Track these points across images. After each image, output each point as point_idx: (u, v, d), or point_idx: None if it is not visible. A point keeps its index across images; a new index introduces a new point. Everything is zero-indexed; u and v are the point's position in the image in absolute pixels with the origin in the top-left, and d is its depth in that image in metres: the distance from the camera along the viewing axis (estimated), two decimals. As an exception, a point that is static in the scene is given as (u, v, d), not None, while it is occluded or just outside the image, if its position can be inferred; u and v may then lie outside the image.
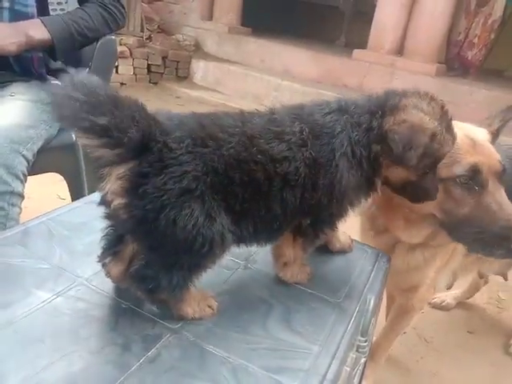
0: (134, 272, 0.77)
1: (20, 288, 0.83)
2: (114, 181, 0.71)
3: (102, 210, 0.77)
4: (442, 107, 0.90)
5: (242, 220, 0.79)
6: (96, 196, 0.81)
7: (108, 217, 0.78)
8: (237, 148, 0.76)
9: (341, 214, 0.92)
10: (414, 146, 0.85)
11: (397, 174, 0.91)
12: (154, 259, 0.76)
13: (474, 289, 2.24)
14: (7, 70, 1.52)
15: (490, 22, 4.80)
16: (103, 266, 0.85)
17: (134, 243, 0.81)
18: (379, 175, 0.91)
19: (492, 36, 4.91)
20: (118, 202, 0.72)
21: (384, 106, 0.89)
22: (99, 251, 0.84)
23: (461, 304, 2.25)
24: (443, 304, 2.19)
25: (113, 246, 0.83)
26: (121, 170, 0.70)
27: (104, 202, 0.75)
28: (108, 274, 0.85)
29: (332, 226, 0.95)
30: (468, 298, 2.27)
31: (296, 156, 0.81)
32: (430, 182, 0.93)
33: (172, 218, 0.70)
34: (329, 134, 0.85)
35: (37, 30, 1.41)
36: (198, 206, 0.71)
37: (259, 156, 0.78)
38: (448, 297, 2.21)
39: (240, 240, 0.82)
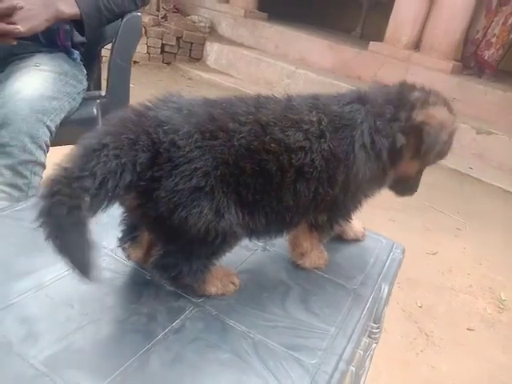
0: (154, 262, 0.79)
1: (46, 254, 0.85)
2: None
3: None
4: (453, 108, 0.94)
5: (255, 211, 0.78)
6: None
7: (123, 207, 0.79)
8: (248, 137, 0.74)
9: (355, 206, 0.93)
10: (439, 141, 0.87)
11: (408, 168, 0.92)
12: (172, 249, 0.78)
13: None
14: (33, 41, 1.52)
15: (510, 21, 4.74)
16: (123, 250, 0.87)
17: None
18: (395, 167, 0.91)
19: (511, 36, 4.86)
20: (131, 202, 0.74)
21: (407, 99, 0.89)
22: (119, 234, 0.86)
23: (462, 302, 2.28)
24: None
25: (131, 232, 0.85)
26: None
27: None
28: (129, 258, 0.87)
29: (347, 218, 0.96)
30: None
31: (313, 147, 0.79)
32: (419, 178, 0.97)
33: (184, 216, 0.70)
34: (349, 125, 0.84)
35: (67, 5, 1.41)
36: (207, 203, 0.71)
37: (273, 145, 0.76)
38: None
39: (252, 232, 0.82)
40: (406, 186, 0.98)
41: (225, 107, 0.77)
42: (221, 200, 0.72)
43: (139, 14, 1.67)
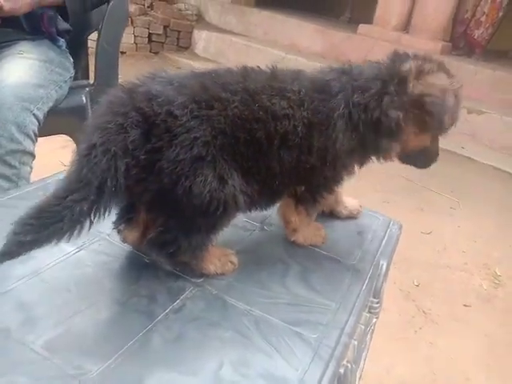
0: (152, 239, 0.78)
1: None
2: None
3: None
4: (449, 70, 0.91)
5: (249, 179, 0.79)
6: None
7: None
8: (240, 107, 0.76)
9: (335, 178, 0.91)
10: (448, 108, 0.85)
11: (417, 141, 0.90)
12: (172, 225, 0.77)
13: None
14: (16, 28, 1.49)
15: (499, -1, 4.72)
16: (119, 232, 0.86)
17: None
18: (398, 143, 0.89)
19: (500, 14, 4.83)
20: (131, 180, 0.72)
21: (397, 71, 0.86)
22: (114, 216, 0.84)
23: (458, 279, 2.30)
24: None
25: (126, 213, 0.84)
26: None
27: None
28: (124, 240, 0.86)
29: (328, 189, 0.94)
30: None
31: (295, 114, 0.80)
32: (437, 146, 0.94)
33: (188, 186, 0.71)
34: (327, 91, 0.84)
35: None
36: (210, 171, 0.72)
37: (261, 113, 0.77)
38: None
39: (249, 199, 0.81)
40: (424, 157, 0.95)
41: (214, 77, 0.78)
42: (223, 167, 0.73)
43: (125, -3, 1.64)
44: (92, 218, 0.69)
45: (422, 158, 0.95)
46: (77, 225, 0.67)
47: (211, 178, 0.72)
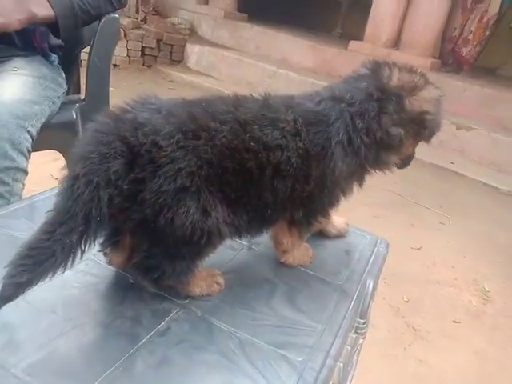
0: (137, 264, 0.78)
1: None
2: None
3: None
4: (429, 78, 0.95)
5: (237, 209, 0.78)
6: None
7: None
8: (229, 137, 0.75)
9: (332, 202, 0.92)
10: (440, 120, 0.91)
11: (410, 149, 0.95)
12: (156, 251, 0.77)
13: None
14: (8, 45, 1.49)
15: (485, 18, 4.83)
16: (105, 255, 0.86)
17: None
18: (397, 154, 0.93)
19: (487, 33, 4.95)
20: (115, 208, 0.72)
21: (388, 89, 0.87)
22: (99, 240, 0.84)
23: (448, 295, 2.31)
24: None
25: (112, 237, 0.83)
26: None
27: None
28: (110, 263, 0.86)
29: (324, 214, 0.96)
30: None
31: (289, 145, 0.80)
32: (415, 150, 1.01)
33: (170, 217, 0.70)
34: (323, 124, 0.84)
35: (40, 7, 1.39)
36: (193, 203, 0.71)
37: (252, 143, 0.76)
38: None
39: (235, 230, 0.81)
40: (406, 161, 1.01)
41: (204, 106, 0.78)
42: (207, 199, 0.73)
43: (117, 15, 1.64)
44: (83, 247, 0.69)
45: (406, 161, 1.01)
46: (69, 256, 0.68)
47: (194, 209, 0.71)
